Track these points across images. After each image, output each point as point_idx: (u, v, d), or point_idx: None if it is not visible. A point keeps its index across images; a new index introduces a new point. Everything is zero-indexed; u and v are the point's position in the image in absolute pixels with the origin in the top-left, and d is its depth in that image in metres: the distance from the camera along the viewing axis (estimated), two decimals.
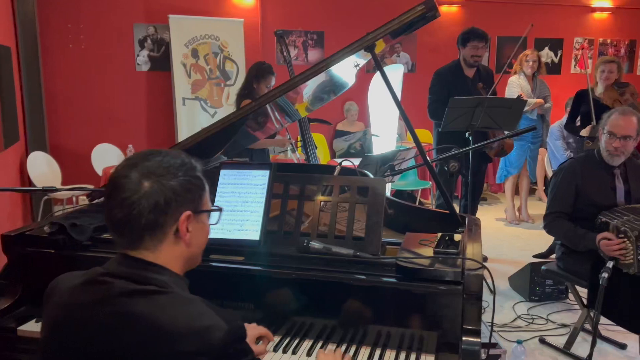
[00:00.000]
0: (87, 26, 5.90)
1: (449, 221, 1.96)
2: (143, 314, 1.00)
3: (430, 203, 6.14)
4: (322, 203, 1.81)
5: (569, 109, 5.72)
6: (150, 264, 1.09)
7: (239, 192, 1.85)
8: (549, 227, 2.85)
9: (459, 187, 4.39)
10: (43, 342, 1.11)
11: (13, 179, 4.84)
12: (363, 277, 1.61)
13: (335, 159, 6.30)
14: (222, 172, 1.88)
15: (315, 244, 1.68)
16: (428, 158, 1.96)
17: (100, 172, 5.31)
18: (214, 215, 1.20)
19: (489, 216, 6.03)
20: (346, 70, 2.38)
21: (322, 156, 6.57)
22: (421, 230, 1.93)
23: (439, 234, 1.78)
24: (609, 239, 2.48)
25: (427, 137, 6.84)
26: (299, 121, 3.90)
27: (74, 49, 5.90)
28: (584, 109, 4.48)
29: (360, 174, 2.24)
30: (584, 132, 4.45)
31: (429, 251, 1.67)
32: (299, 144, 4.73)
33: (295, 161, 4.56)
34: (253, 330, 1.47)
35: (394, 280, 1.59)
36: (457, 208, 4.79)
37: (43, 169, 5.21)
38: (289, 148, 4.45)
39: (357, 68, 2.27)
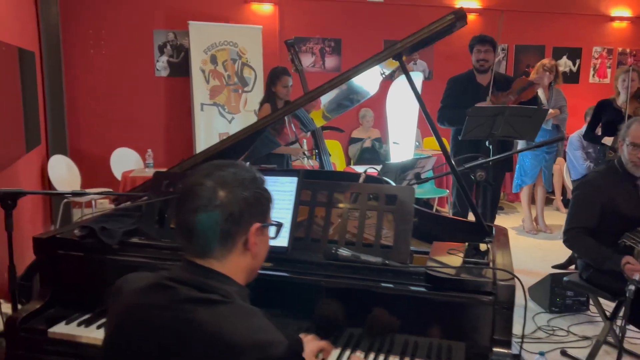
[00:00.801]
0: (108, 32, 5.98)
1: (475, 231, 1.95)
2: (206, 322, 1.02)
3: (447, 211, 6.11)
4: (349, 210, 1.82)
5: (589, 118, 5.69)
6: (215, 272, 1.11)
7: None
8: (570, 243, 2.80)
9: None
10: (107, 339, 1.14)
11: (34, 181, 4.90)
12: (392, 285, 1.61)
13: (351, 166, 6.30)
14: None
15: (344, 252, 1.68)
16: (455, 167, 1.96)
17: (119, 176, 5.36)
18: (272, 229, 1.23)
19: (505, 225, 5.93)
20: (371, 78, 2.39)
21: (338, 162, 6.59)
22: (446, 239, 1.93)
23: (467, 244, 1.77)
24: (633, 264, 2.45)
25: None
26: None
27: (95, 54, 5.98)
28: (606, 118, 4.44)
29: (384, 182, 2.25)
30: (607, 141, 4.41)
31: (458, 261, 1.67)
32: (313, 151, 4.76)
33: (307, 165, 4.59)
34: (313, 344, 1.44)
35: (423, 289, 1.58)
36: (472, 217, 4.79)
37: (63, 172, 5.27)
38: (302, 156, 4.48)
39: (383, 77, 2.27)
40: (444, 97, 4.29)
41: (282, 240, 1.78)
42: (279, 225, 1.24)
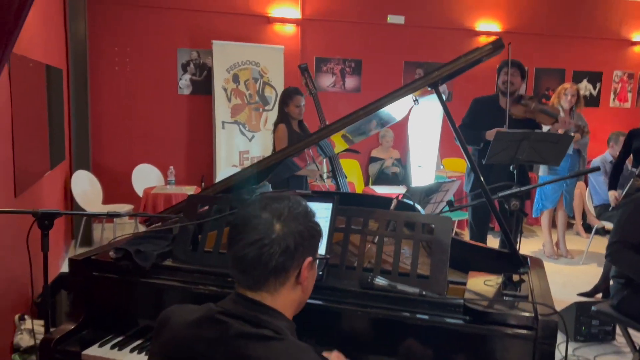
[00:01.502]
0: (133, 49, 6.07)
1: (510, 261, 1.93)
2: (259, 358, 1.01)
3: (467, 234, 6.06)
4: (382, 238, 1.80)
5: (612, 143, 5.65)
6: (267, 307, 1.11)
7: None
8: (613, 257, 2.77)
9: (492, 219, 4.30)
10: None
11: (58, 197, 4.95)
12: (428, 317, 1.59)
13: (370, 186, 6.29)
14: None
15: (380, 281, 1.67)
16: (490, 195, 1.95)
17: (140, 193, 5.40)
18: (320, 264, 1.23)
19: (525, 250, 5.91)
20: (402, 105, 2.39)
21: (356, 182, 6.58)
22: (479, 269, 1.91)
23: (503, 275, 1.75)
24: None
25: (462, 166, 6.79)
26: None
27: (120, 71, 6.08)
28: (636, 146, 4.41)
29: (416, 209, 2.24)
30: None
31: (496, 292, 1.65)
32: (330, 174, 4.77)
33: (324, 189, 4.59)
34: None
35: (461, 321, 1.56)
36: (491, 240, 4.74)
37: (85, 187, 5.33)
38: (319, 178, 4.49)
39: (416, 104, 2.27)
40: (465, 116, 4.30)
41: None
42: (326, 259, 1.24)
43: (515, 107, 4.09)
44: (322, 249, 1.77)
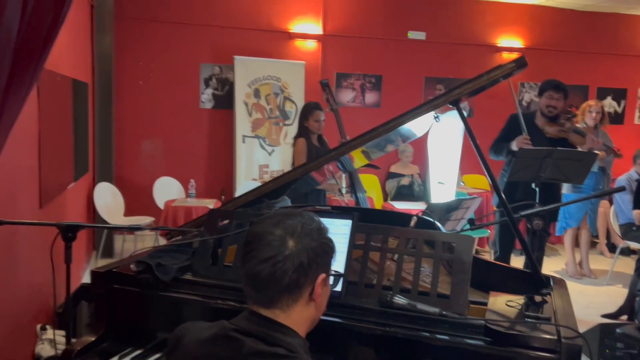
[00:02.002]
0: (157, 64, 6.18)
1: (532, 281, 1.90)
2: None
3: (488, 250, 5.99)
4: (402, 256, 1.79)
5: (638, 160, 5.55)
6: (281, 325, 1.10)
7: None
8: None
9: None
10: None
11: (81, 208, 5.03)
12: (448, 337, 1.57)
13: (389, 202, 6.27)
14: None
15: (400, 300, 1.66)
16: (512, 214, 1.92)
17: (161, 205, 5.46)
18: (331, 279, 1.22)
19: (548, 269, 5.79)
20: (423, 121, 2.39)
21: (375, 197, 6.56)
22: (500, 289, 1.88)
23: (525, 296, 1.72)
24: None
25: (483, 183, 6.73)
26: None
27: (144, 85, 6.18)
28: None
29: (436, 227, 2.22)
30: None
31: (518, 314, 1.62)
32: (349, 189, 4.77)
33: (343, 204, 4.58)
34: None
35: (481, 343, 1.54)
36: (516, 260, 4.66)
37: (108, 199, 5.41)
38: (338, 192, 4.49)
39: (437, 121, 2.27)
40: (501, 131, 4.21)
41: (334, 284, 1.76)
42: (340, 276, 1.23)
43: (551, 126, 4.02)
44: (336, 265, 1.78)
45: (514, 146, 3.89)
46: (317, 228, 1.16)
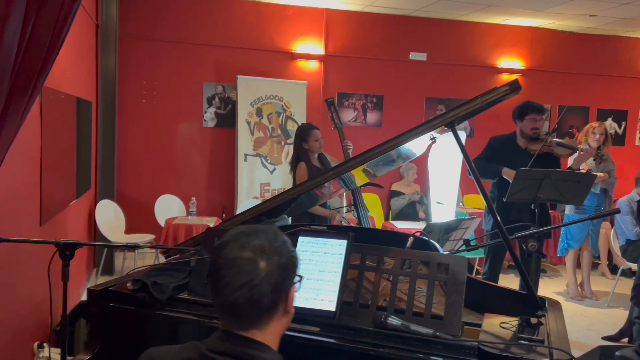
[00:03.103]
0: (160, 83, 6.26)
1: (526, 302, 1.90)
2: None
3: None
4: (397, 276, 1.80)
5: None
6: (256, 342, 1.10)
7: (315, 260, 1.86)
8: (638, 299, 2.69)
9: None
10: None
11: (82, 225, 5.05)
12: (441, 359, 1.57)
13: (390, 221, 6.27)
14: (300, 238, 1.91)
15: (394, 320, 1.66)
16: (507, 234, 1.93)
17: (162, 223, 5.48)
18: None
19: (548, 290, 5.78)
20: (419, 142, 2.41)
21: (376, 216, 6.56)
22: (495, 310, 1.88)
23: (519, 317, 1.72)
24: None
25: (483, 203, 6.73)
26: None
27: (147, 103, 6.25)
28: None
29: (433, 246, 2.23)
30: None
31: (512, 336, 1.62)
32: (352, 208, 4.78)
33: (344, 223, 4.58)
34: None
35: None
36: (513, 280, 4.64)
37: (109, 216, 5.43)
38: (341, 218, 4.47)
39: (433, 141, 2.29)
40: (482, 151, 4.28)
41: (330, 304, 1.77)
42: (301, 279, 1.20)
43: (534, 143, 4.07)
44: (331, 285, 1.78)
45: (507, 176, 3.90)
46: (283, 241, 1.15)
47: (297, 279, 1.16)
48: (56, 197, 3.79)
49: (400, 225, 5.60)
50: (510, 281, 5.66)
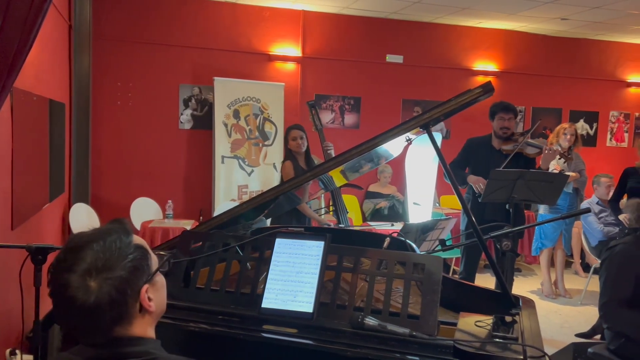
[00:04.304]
0: (136, 84, 6.18)
1: (501, 301, 1.93)
2: None
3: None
4: (374, 277, 1.81)
5: (595, 186, 5.74)
6: (123, 338, 1.05)
7: (293, 262, 1.86)
8: (607, 318, 2.73)
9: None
10: None
11: (56, 229, 4.96)
12: (418, 358, 1.58)
13: (368, 222, 6.30)
14: (278, 241, 1.91)
15: (371, 321, 1.67)
16: (481, 234, 1.96)
17: (138, 226, 5.41)
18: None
19: (523, 288, 5.88)
20: (395, 143, 2.43)
21: (354, 217, 6.58)
22: (470, 309, 1.91)
23: (494, 316, 1.75)
24: None
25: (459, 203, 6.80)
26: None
27: (122, 105, 6.17)
28: (631, 185, 4.45)
29: (409, 246, 2.25)
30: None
31: (486, 334, 1.64)
32: (331, 208, 4.81)
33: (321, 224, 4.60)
34: None
35: None
36: (489, 280, 4.72)
37: (84, 220, 5.33)
38: (323, 220, 4.50)
39: (408, 142, 2.31)
40: (457, 155, 4.38)
41: (307, 305, 1.77)
42: (168, 260, 1.17)
43: (507, 143, 4.18)
44: (308, 287, 1.78)
45: (471, 182, 4.08)
46: (118, 249, 1.04)
47: (147, 277, 1.08)
48: (28, 200, 3.72)
49: (378, 227, 5.62)
50: (486, 280, 5.73)
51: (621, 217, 4.57)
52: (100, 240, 1.04)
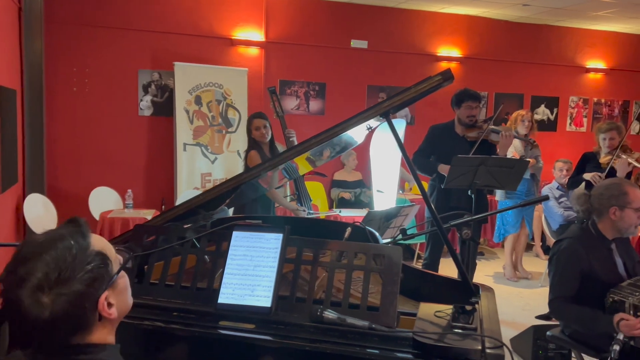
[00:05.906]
0: (92, 70, 5.96)
1: (461, 289, 1.93)
2: None
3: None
4: (333, 269, 1.78)
5: (555, 171, 5.86)
6: (80, 345, 1.00)
7: (250, 256, 1.82)
8: (556, 313, 2.76)
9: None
10: None
11: (9, 221, 4.76)
12: (378, 351, 1.56)
13: (334, 210, 6.28)
14: (235, 234, 1.85)
15: (330, 314, 1.64)
16: (441, 224, 1.95)
17: (97, 217, 5.25)
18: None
19: (486, 272, 5.99)
20: (356, 132, 2.39)
21: (320, 205, 6.56)
22: (431, 298, 1.90)
23: (453, 305, 1.74)
24: (627, 319, 2.37)
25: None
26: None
27: (78, 92, 5.94)
28: (589, 170, 4.55)
29: (370, 235, 2.23)
30: (587, 176, 4.50)
31: (446, 324, 1.63)
32: (295, 197, 4.77)
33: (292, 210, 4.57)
34: None
35: (410, 356, 1.54)
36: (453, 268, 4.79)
37: (39, 211, 5.15)
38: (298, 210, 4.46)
39: (369, 130, 2.28)
40: (422, 143, 4.38)
41: (265, 300, 1.73)
42: (130, 259, 1.12)
43: (470, 130, 4.20)
44: (266, 280, 1.74)
45: (444, 171, 4.03)
46: (74, 261, 0.97)
47: (107, 284, 1.02)
48: None
49: (345, 214, 5.62)
50: (451, 265, 5.78)
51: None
52: (52, 250, 0.96)
